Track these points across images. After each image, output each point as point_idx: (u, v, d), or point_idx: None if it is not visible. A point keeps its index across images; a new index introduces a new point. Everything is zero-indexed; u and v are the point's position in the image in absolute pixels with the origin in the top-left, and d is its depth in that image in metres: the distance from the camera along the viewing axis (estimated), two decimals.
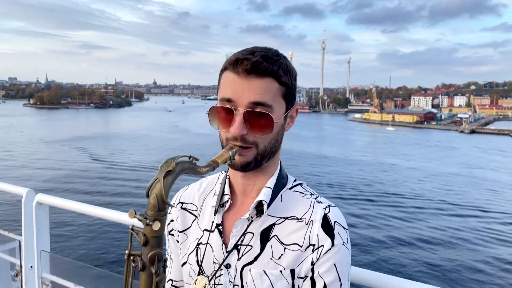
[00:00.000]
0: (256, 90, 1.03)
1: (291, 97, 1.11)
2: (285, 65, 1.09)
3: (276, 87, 1.06)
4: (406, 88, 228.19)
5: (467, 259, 19.97)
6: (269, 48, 1.10)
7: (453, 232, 24.02)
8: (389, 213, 27.40)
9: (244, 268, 1.10)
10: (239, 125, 1.04)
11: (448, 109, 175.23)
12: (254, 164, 1.10)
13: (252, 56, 1.04)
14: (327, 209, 1.12)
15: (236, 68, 1.04)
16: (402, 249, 21.04)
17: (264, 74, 1.04)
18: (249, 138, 1.06)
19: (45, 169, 38.24)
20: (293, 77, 1.11)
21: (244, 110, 1.04)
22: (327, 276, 1.06)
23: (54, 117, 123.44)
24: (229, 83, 1.06)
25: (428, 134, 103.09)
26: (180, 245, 1.25)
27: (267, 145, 1.09)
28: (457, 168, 49.29)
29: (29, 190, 2.52)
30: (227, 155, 1.04)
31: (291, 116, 1.17)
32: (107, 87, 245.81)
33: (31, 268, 2.55)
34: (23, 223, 2.53)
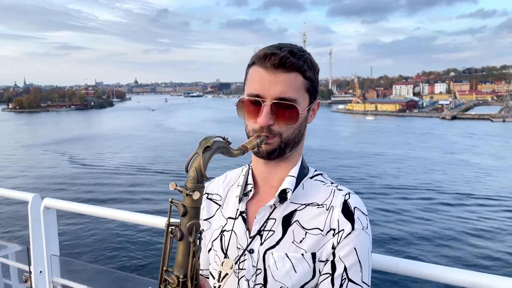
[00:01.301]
0: (282, 84, 1.09)
1: (314, 91, 1.17)
2: (309, 60, 1.15)
3: (301, 81, 1.12)
4: (387, 78, 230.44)
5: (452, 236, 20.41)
6: (294, 45, 1.16)
7: (437, 218, 24.49)
8: (377, 204, 27.78)
9: (266, 252, 1.14)
10: (266, 115, 1.10)
11: (429, 96, 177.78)
12: (279, 152, 1.16)
13: (280, 51, 1.10)
14: (347, 196, 1.16)
15: (264, 63, 1.10)
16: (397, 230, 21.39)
17: (290, 69, 1.10)
18: (274, 128, 1.13)
19: (31, 173, 37.63)
20: (316, 72, 1.18)
21: (271, 102, 1.10)
22: (347, 260, 1.10)
23: (34, 121, 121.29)
24: (257, 77, 1.12)
25: (411, 122, 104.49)
26: (205, 232, 1.31)
27: (290, 135, 1.15)
28: (440, 154, 50.14)
29: (35, 195, 2.51)
30: (255, 142, 1.11)
31: (313, 109, 1.23)
32: (88, 88, 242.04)
33: (41, 273, 2.55)
34: (30, 228, 2.52)
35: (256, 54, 1.14)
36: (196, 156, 0.95)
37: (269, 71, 1.10)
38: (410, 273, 1.49)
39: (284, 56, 1.09)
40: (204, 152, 0.95)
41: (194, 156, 0.95)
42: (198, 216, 0.94)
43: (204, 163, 0.94)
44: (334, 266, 1.11)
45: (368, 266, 1.13)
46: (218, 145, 0.98)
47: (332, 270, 1.11)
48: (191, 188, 0.92)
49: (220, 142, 1.00)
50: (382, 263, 1.52)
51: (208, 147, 0.95)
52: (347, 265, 1.10)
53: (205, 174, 0.94)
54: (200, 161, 0.93)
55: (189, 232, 0.93)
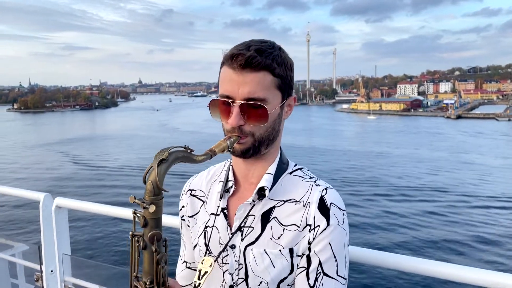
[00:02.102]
0: (250, 84, 1.09)
1: (286, 87, 1.17)
2: (279, 57, 1.14)
3: (270, 80, 1.12)
4: (391, 77, 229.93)
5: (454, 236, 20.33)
6: (265, 41, 1.16)
7: (440, 215, 24.39)
8: (378, 202, 27.70)
9: (246, 248, 1.17)
10: (236, 116, 1.11)
11: (434, 95, 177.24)
12: (253, 151, 1.17)
13: (247, 51, 1.10)
14: (324, 191, 1.18)
15: (232, 64, 1.11)
16: (394, 230, 21.32)
17: (258, 68, 1.09)
18: (246, 128, 1.14)
19: (38, 173, 37.84)
20: (288, 68, 1.17)
21: (240, 103, 1.10)
22: (322, 254, 1.13)
23: (39, 121, 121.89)
24: (227, 78, 1.13)
25: (415, 121, 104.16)
26: (191, 229, 1.34)
27: (263, 133, 1.16)
28: (445, 153, 49.92)
29: (47, 195, 2.52)
30: (224, 144, 1.12)
31: (289, 105, 1.24)
32: (92, 88, 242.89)
33: (52, 272, 2.55)
34: (42, 227, 2.52)
35: (225, 54, 1.14)
36: (152, 169, 0.97)
37: (236, 71, 1.10)
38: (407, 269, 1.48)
39: (250, 56, 1.09)
40: (159, 165, 0.97)
41: (149, 170, 0.97)
42: (159, 227, 0.98)
43: (160, 177, 0.96)
44: (310, 260, 1.14)
45: (345, 260, 1.15)
46: (175, 156, 1.00)
47: (308, 264, 1.14)
48: (148, 201, 0.96)
49: (179, 152, 1.01)
50: (362, 255, 1.54)
51: (163, 160, 0.97)
52: (322, 260, 1.12)
53: (161, 187, 0.97)
54: (155, 175, 0.96)
55: (151, 241, 0.97)
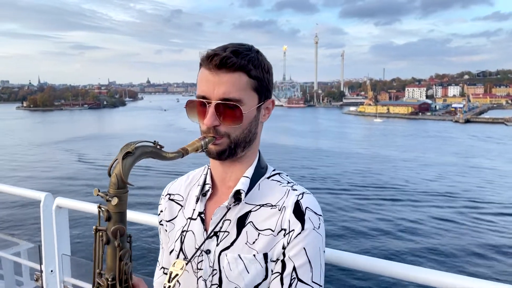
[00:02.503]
0: (226, 84, 1.10)
1: (263, 89, 1.17)
2: (256, 59, 1.14)
3: (246, 81, 1.12)
4: (400, 80, 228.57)
5: (458, 245, 20.13)
6: (242, 44, 1.16)
7: (444, 221, 24.18)
8: (380, 205, 27.53)
9: (221, 253, 1.16)
10: (211, 116, 1.11)
11: (442, 99, 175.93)
12: (229, 152, 1.16)
13: (223, 52, 1.10)
14: (300, 196, 1.16)
15: (208, 65, 1.11)
16: (397, 237, 21.17)
17: (233, 69, 1.10)
18: (221, 129, 1.13)
19: (45, 172, 38.10)
20: (265, 71, 1.17)
21: (215, 103, 1.10)
22: (296, 259, 1.11)
23: (48, 120, 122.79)
24: (203, 79, 1.13)
25: (423, 125, 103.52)
26: (168, 234, 1.32)
27: (239, 135, 1.15)
28: (453, 158, 49.53)
29: (47, 194, 2.51)
30: (198, 144, 1.10)
31: (267, 108, 1.22)
32: (101, 87, 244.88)
33: (52, 272, 2.54)
34: (42, 227, 2.51)
35: (202, 55, 1.15)
36: (116, 162, 0.95)
37: (212, 72, 1.10)
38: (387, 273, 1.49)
39: (225, 56, 1.09)
40: (124, 158, 0.95)
41: (114, 162, 0.95)
42: (123, 221, 0.96)
43: (124, 170, 0.94)
44: (284, 265, 1.12)
45: (320, 266, 1.13)
46: (142, 150, 0.98)
47: (282, 269, 1.12)
48: (112, 194, 0.94)
49: (147, 146, 0.99)
50: (342, 259, 1.54)
51: (129, 153, 0.96)
52: (296, 265, 1.11)
53: (126, 181, 0.95)
54: (119, 168, 0.94)
55: (114, 236, 0.95)
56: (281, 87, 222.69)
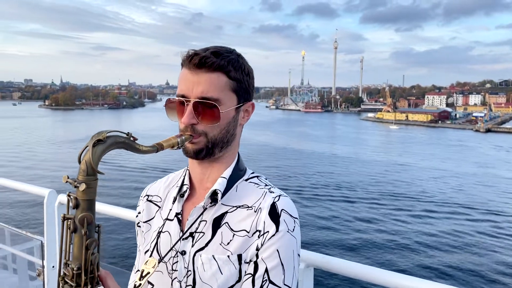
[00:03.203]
0: (204, 83, 1.11)
1: (242, 91, 1.18)
2: (236, 61, 1.15)
3: (224, 81, 1.13)
4: (420, 87, 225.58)
5: (473, 262, 19.70)
6: (224, 47, 1.18)
7: (460, 235, 23.69)
8: (396, 215, 27.16)
9: (196, 254, 1.15)
10: (188, 114, 1.12)
11: (463, 107, 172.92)
12: (206, 152, 1.16)
13: (204, 52, 1.12)
14: (276, 198, 1.16)
15: (188, 64, 1.13)
16: (411, 251, 20.84)
17: (212, 69, 1.11)
18: (198, 127, 1.14)
19: (58, 170, 38.78)
20: (245, 73, 1.18)
21: (194, 101, 1.11)
22: (269, 261, 1.10)
23: (69, 118, 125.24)
24: (183, 78, 1.15)
25: (442, 133, 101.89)
26: (144, 234, 1.31)
27: (216, 134, 1.16)
28: (473, 168, 48.59)
29: (51, 191, 2.56)
30: (174, 141, 1.10)
31: (246, 110, 1.23)
32: (121, 88, 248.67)
33: (53, 268, 2.60)
34: (45, 223, 2.57)
35: (182, 55, 1.16)
36: (87, 149, 0.95)
37: (192, 71, 1.12)
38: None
39: (205, 56, 1.11)
40: (95, 145, 0.95)
41: (85, 150, 0.95)
42: (91, 209, 0.95)
43: (94, 157, 0.94)
44: (256, 267, 1.11)
45: (293, 269, 1.12)
46: (114, 140, 0.98)
47: (254, 271, 1.11)
48: (80, 180, 0.93)
49: (119, 137, 0.99)
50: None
51: (100, 141, 0.95)
52: (269, 267, 1.10)
53: (95, 168, 0.94)
54: (89, 155, 0.93)
55: (81, 224, 0.93)
56: (298, 91, 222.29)
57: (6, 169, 39.32)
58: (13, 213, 23.37)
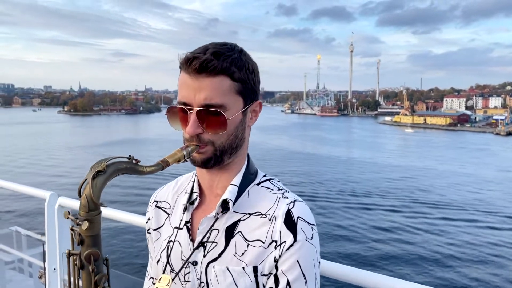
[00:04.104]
0: (207, 89, 1.03)
1: (248, 92, 1.10)
2: (239, 59, 1.07)
3: (228, 84, 1.05)
4: (438, 90, 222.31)
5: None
6: (225, 44, 1.10)
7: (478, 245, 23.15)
8: (413, 223, 26.72)
9: (208, 265, 1.10)
10: (192, 124, 1.05)
11: (482, 110, 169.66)
12: (215, 160, 1.10)
13: (203, 54, 1.03)
14: (291, 204, 1.11)
15: (187, 69, 1.04)
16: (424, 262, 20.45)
17: (214, 73, 1.03)
18: (204, 137, 1.07)
19: (72, 175, 39.40)
20: (250, 71, 1.10)
21: (197, 110, 1.04)
22: (290, 273, 1.05)
23: (87, 124, 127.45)
24: (183, 84, 1.06)
25: (462, 137, 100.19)
26: (154, 243, 1.27)
27: (224, 141, 1.09)
28: (494, 172, 47.58)
29: (52, 194, 2.56)
30: (180, 154, 1.04)
31: (254, 110, 1.16)
32: (137, 93, 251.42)
33: (54, 270, 2.59)
34: (46, 226, 2.57)
35: (181, 58, 1.07)
36: (86, 182, 0.90)
37: (192, 77, 1.04)
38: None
39: (206, 59, 1.02)
40: (95, 178, 0.90)
41: (84, 183, 0.90)
42: (96, 245, 0.92)
43: (95, 190, 0.89)
44: (277, 280, 1.06)
45: (315, 279, 1.07)
46: (115, 168, 0.93)
47: (275, 285, 1.06)
48: (82, 216, 0.89)
49: (121, 163, 0.94)
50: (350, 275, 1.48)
51: (100, 172, 0.90)
52: (290, 279, 1.04)
53: (97, 202, 0.90)
54: (89, 188, 0.89)
55: (88, 261, 0.90)
56: (314, 95, 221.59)
57: (12, 173, 39.97)
58: (26, 217, 23.78)
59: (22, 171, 41.43)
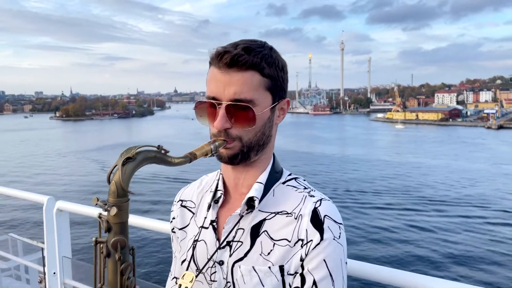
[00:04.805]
0: (237, 84, 1.02)
1: (277, 89, 1.10)
2: (269, 56, 1.07)
3: (258, 80, 1.05)
4: (429, 86, 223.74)
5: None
6: (254, 40, 1.10)
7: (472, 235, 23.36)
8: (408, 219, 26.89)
9: (234, 265, 1.09)
10: (221, 118, 1.04)
11: (473, 105, 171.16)
12: (242, 157, 1.09)
13: (234, 49, 1.03)
14: (318, 203, 1.09)
15: (218, 63, 1.04)
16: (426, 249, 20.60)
17: (245, 67, 1.03)
18: (232, 132, 1.06)
19: (70, 178, 39.17)
20: (280, 69, 1.09)
21: (226, 104, 1.04)
22: (316, 272, 1.03)
23: (80, 129, 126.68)
24: (212, 79, 1.06)
25: (453, 131, 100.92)
26: (180, 242, 1.26)
27: (251, 137, 1.08)
28: (486, 165, 47.98)
29: (50, 198, 2.57)
30: (207, 148, 1.04)
31: (282, 108, 1.15)
32: (130, 97, 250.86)
33: (54, 275, 2.59)
34: (45, 230, 2.58)
35: (211, 53, 1.08)
36: (116, 169, 0.90)
37: (222, 71, 1.04)
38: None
39: (237, 54, 1.02)
40: (124, 164, 0.90)
41: (114, 169, 0.90)
42: (124, 232, 0.91)
43: (124, 177, 0.89)
44: (303, 279, 1.04)
45: (342, 279, 1.05)
46: (144, 156, 0.92)
47: (301, 284, 1.04)
48: (111, 203, 0.89)
49: (149, 151, 0.93)
50: (368, 272, 1.50)
51: (129, 158, 0.90)
52: (317, 279, 1.03)
53: (126, 189, 0.89)
54: (119, 175, 0.89)
55: (114, 249, 0.90)
56: (306, 94, 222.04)
57: (9, 178, 39.71)
58: (21, 222, 23.61)
59: (13, 179, 41.08)
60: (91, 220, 13.49)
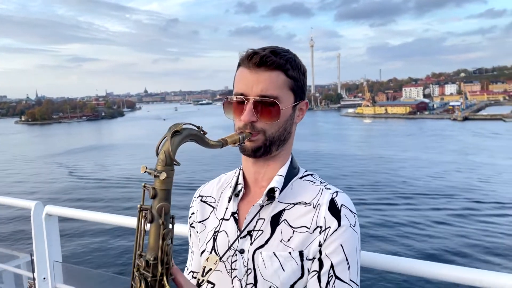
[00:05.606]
0: (264, 82, 1.13)
1: (299, 90, 1.20)
2: (293, 60, 1.18)
3: (283, 79, 1.15)
4: (396, 80, 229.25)
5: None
6: (280, 47, 1.21)
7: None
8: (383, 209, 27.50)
9: (255, 252, 1.15)
10: (248, 112, 1.13)
11: (439, 98, 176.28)
12: (264, 150, 1.18)
13: (262, 51, 1.15)
14: (334, 194, 1.17)
15: (247, 63, 1.15)
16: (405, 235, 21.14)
17: (272, 67, 1.14)
18: (258, 125, 1.15)
19: (44, 183, 38.08)
20: (301, 73, 1.21)
21: (254, 99, 1.13)
22: (334, 257, 1.10)
23: (46, 133, 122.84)
24: (242, 77, 1.17)
25: (421, 124, 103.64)
26: (199, 234, 1.33)
27: (274, 132, 1.17)
28: (453, 156, 49.53)
29: (38, 203, 2.55)
30: (236, 137, 1.12)
31: (301, 109, 1.25)
32: (98, 99, 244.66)
33: (44, 280, 2.58)
34: (34, 235, 2.55)
35: (241, 55, 1.18)
36: (165, 140, 0.96)
37: (251, 70, 1.14)
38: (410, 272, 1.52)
39: (265, 55, 1.13)
40: (173, 136, 0.96)
41: (163, 140, 0.97)
42: (168, 199, 0.95)
43: (173, 147, 0.95)
44: (321, 263, 1.11)
45: (356, 265, 1.13)
46: (189, 132, 0.99)
47: (319, 267, 1.11)
48: (160, 170, 0.94)
49: (193, 129, 1.01)
50: (374, 261, 1.56)
51: (177, 132, 0.97)
52: (334, 262, 1.10)
53: (174, 158, 0.95)
54: (168, 145, 0.95)
55: (159, 214, 0.94)
56: None
57: None
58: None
59: None
60: (78, 225, 13.08)
